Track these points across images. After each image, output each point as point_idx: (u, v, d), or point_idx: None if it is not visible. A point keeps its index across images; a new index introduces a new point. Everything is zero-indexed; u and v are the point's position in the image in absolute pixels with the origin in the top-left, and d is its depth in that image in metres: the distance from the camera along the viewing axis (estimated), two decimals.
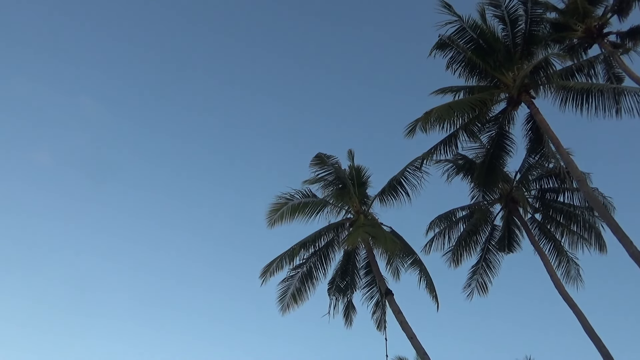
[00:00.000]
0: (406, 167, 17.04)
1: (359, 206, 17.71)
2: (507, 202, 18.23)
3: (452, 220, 19.01)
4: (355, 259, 18.25)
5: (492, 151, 16.75)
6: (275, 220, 17.01)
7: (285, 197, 17.38)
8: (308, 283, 17.49)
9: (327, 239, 17.80)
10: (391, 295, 15.74)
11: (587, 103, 14.42)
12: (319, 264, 17.66)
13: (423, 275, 17.11)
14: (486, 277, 19.02)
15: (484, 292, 18.97)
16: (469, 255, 18.79)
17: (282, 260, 16.99)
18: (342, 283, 18.17)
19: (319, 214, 17.56)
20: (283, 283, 17.47)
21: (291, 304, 17.25)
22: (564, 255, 18.04)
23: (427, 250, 18.81)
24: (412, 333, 14.40)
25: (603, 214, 13.44)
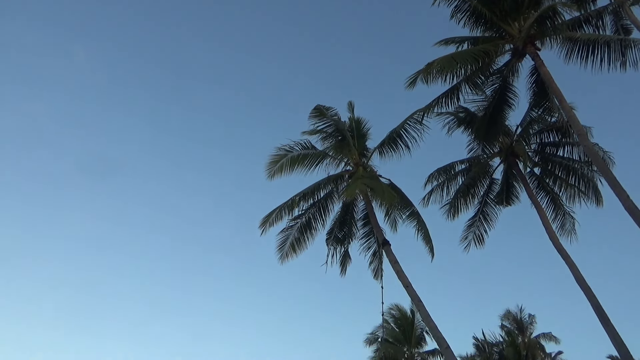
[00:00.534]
0: (406, 120, 16.94)
1: (358, 158, 17.75)
2: (506, 155, 18.23)
3: (451, 173, 19.08)
4: (354, 210, 18.48)
5: (494, 104, 16.58)
6: (274, 172, 17.09)
7: (284, 148, 17.39)
8: (307, 233, 17.80)
9: (326, 191, 17.96)
10: (388, 246, 16.05)
11: (593, 55, 14.15)
12: (318, 215, 17.91)
13: (420, 227, 17.37)
14: (483, 230, 19.29)
15: (480, 244, 19.28)
16: (466, 208, 19.00)
17: (281, 211, 17.22)
18: (340, 234, 18.48)
19: (318, 165, 17.67)
20: (282, 233, 17.78)
21: (290, 253, 17.62)
22: (561, 208, 18.21)
23: (425, 203, 18.99)
24: (407, 282, 14.79)
25: (602, 168, 13.47)
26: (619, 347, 12.75)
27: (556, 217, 18.19)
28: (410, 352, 30.88)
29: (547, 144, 18.38)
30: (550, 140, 18.29)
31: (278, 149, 17.30)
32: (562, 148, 18.01)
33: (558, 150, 18.19)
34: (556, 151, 18.24)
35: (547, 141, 18.36)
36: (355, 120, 18.53)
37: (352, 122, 18.44)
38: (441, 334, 13.87)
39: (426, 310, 14.39)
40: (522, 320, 40.50)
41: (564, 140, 17.82)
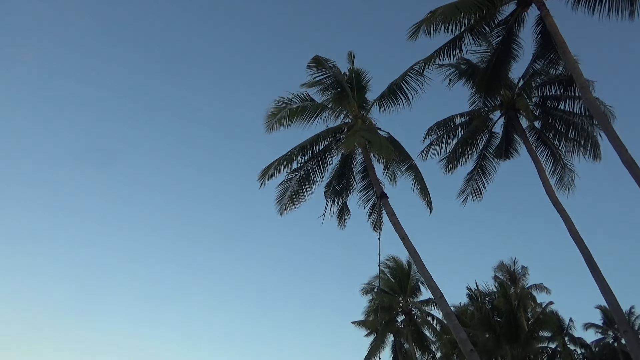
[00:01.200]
0: (407, 71, 16.64)
1: (357, 111, 17.56)
2: (507, 109, 18.04)
3: (451, 126, 18.94)
4: (352, 163, 18.49)
5: (497, 55, 16.22)
6: (273, 124, 16.96)
7: (283, 101, 17.17)
8: (305, 186, 17.88)
9: (325, 144, 17.89)
10: (386, 198, 16.17)
11: (601, 3, 13.74)
12: (317, 168, 17.93)
13: (418, 180, 17.44)
14: (481, 183, 19.33)
15: (478, 198, 19.38)
16: (464, 161, 18.98)
17: (280, 163, 17.22)
18: (338, 186, 18.58)
19: (317, 118, 17.50)
20: (281, 186, 17.85)
21: (289, 205, 17.77)
22: (560, 162, 18.22)
23: (423, 156, 18.96)
24: (404, 234, 15.00)
25: (602, 122, 13.35)
26: (608, 297, 13.10)
27: (555, 171, 18.25)
28: (405, 301, 31.81)
29: (549, 97, 18.15)
30: (552, 94, 18.05)
31: (276, 102, 17.09)
32: (563, 102, 17.81)
33: (559, 104, 17.99)
34: (557, 105, 18.05)
35: (549, 94, 18.12)
36: (354, 71, 18.19)
37: (352, 74, 18.11)
38: (435, 284, 14.21)
39: (421, 261, 14.68)
40: (515, 271, 41.54)
41: (565, 93, 17.60)
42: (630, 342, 13.06)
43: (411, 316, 31.80)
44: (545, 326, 28.60)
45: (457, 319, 14.71)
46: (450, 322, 14.04)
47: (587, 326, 39.55)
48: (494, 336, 26.93)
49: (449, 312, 14.21)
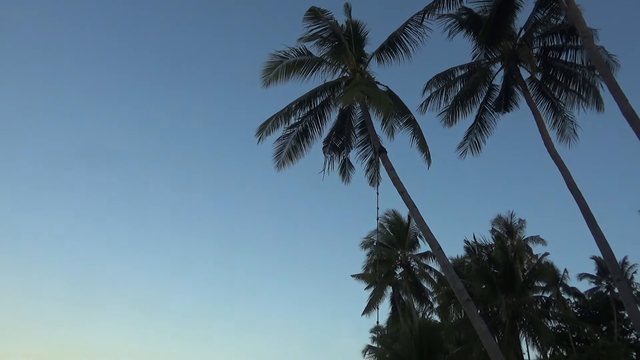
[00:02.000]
0: (407, 23, 16.22)
1: (356, 64, 17.23)
2: (508, 60, 17.70)
3: (451, 79, 18.63)
4: (351, 118, 18.34)
5: (499, 3, 15.75)
6: (270, 79, 16.67)
7: (279, 55, 16.79)
8: (303, 141, 17.79)
9: (323, 98, 17.67)
10: (384, 153, 16.13)
11: None
12: (315, 123, 17.78)
13: (416, 134, 17.36)
14: (480, 137, 19.19)
15: (476, 151, 19.28)
16: (464, 114, 18.78)
17: (277, 119, 17.06)
18: (337, 142, 18.50)
19: (314, 72, 17.19)
20: (279, 141, 17.75)
21: (287, 161, 17.74)
22: (560, 114, 18.06)
23: (422, 110, 18.74)
24: (402, 188, 15.06)
25: (603, 71, 13.12)
26: (603, 248, 13.32)
27: (555, 123, 18.11)
28: (403, 254, 32.40)
29: (550, 47, 17.76)
30: (554, 44, 17.65)
31: (273, 56, 16.71)
32: (565, 52, 17.44)
33: (561, 55, 17.64)
34: (559, 55, 17.70)
35: (551, 45, 17.72)
36: (352, 23, 17.68)
37: (349, 26, 17.61)
38: (433, 237, 14.41)
39: (420, 215, 14.81)
40: (512, 224, 42.13)
41: (567, 43, 17.21)
42: (623, 290, 13.42)
43: (409, 269, 32.48)
44: (540, 276, 29.24)
45: (454, 270, 14.98)
46: (448, 273, 14.33)
47: (582, 276, 40.50)
48: (490, 287, 27.55)
49: (447, 264, 14.48)
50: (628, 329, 37.20)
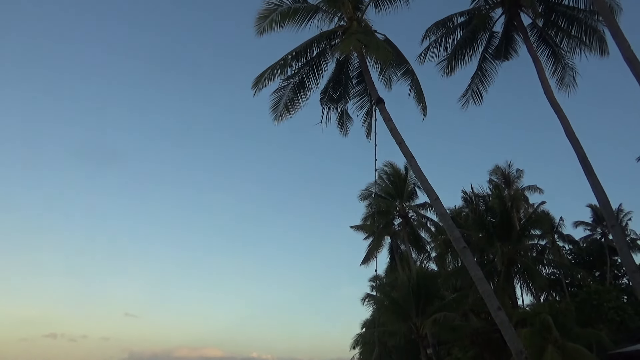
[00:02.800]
0: None
1: (353, 12, 16.75)
2: (510, 5, 17.19)
3: (450, 27, 18.15)
4: (348, 68, 18.02)
5: None
6: (264, 27, 16.27)
7: (274, 2, 16.31)
8: (300, 93, 17.55)
9: (319, 48, 17.30)
10: (382, 104, 15.96)
11: None
12: (311, 74, 17.48)
13: (414, 85, 17.12)
14: (481, 86, 18.87)
15: (478, 101, 18.95)
16: (463, 63, 18.42)
17: (273, 70, 16.75)
18: (334, 93, 18.26)
19: (310, 21, 16.77)
20: (275, 94, 17.52)
21: (284, 113, 17.57)
22: (561, 61, 17.74)
23: (421, 60, 18.33)
24: (400, 139, 15.02)
25: (606, 16, 12.80)
26: (599, 195, 13.46)
27: (555, 71, 17.82)
28: (401, 205, 32.72)
29: None
30: None
31: (267, 3, 16.24)
32: None
33: None
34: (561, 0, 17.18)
35: None
36: None
37: None
38: (431, 187, 14.51)
39: (418, 165, 14.85)
40: (510, 174, 42.31)
41: None
42: (617, 235, 13.68)
43: (407, 219, 32.89)
44: (536, 225, 29.67)
45: (451, 219, 15.18)
46: (445, 222, 14.54)
47: (577, 224, 41.12)
48: (486, 235, 28.03)
49: (444, 213, 14.66)
50: (620, 274, 38.20)
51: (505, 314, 12.56)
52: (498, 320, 12.19)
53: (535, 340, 20.84)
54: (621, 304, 27.51)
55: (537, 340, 20.83)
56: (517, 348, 11.65)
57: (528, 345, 16.65)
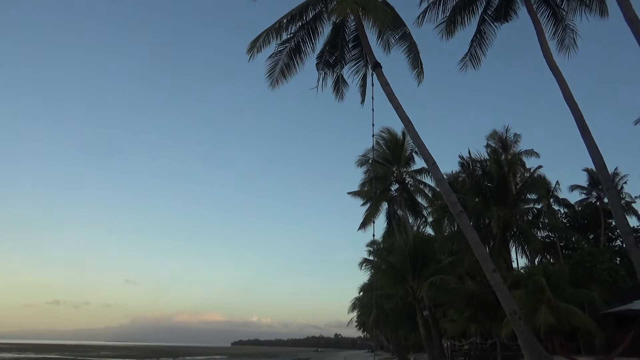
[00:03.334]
0: None
1: None
2: None
3: None
4: (345, 31, 17.68)
5: None
6: None
7: None
8: (296, 58, 17.28)
9: (315, 11, 16.94)
10: (379, 68, 15.74)
11: None
12: (307, 38, 17.18)
13: (411, 49, 16.85)
14: (479, 50, 18.56)
15: (477, 64, 18.66)
16: (462, 26, 18.05)
17: (268, 35, 16.44)
18: (330, 58, 17.99)
19: None
20: (271, 59, 17.24)
21: (280, 79, 17.34)
22: (561, 23, 17.42)
23: (419, 22, 17.94)
24: (397, 103, 14.89)
25: None
26: (596, 158, 13.47)
27: (555, 33, 17.49)
28: (399, 171, 32.81)
29: None
30: None
31: None
32: None
33: None
34: None
35: None
36: None
37: None
38: (428, 152, 14.49)
39: (415, 130, 14.78)
40: (507, 139, 42.31)
41: None
42: (612, 198, 13.79)
43: (404, 185, 33.05)
44: (532, 189, 29.90)
45: (448, 184, 15.24)
46: (442, 187, 14.61)
47: (573, 188, 41.46)
48: (483, 200, 28.24)
49: (441, 178, 14.69)
50: (614, 237, 38.77)
51: (500, 276, 12.78)
52: (493, 282, 12.41)
53: (529, 301, 21.33)
54: (614, 265, 28.00)
55: (530, 301, 21.33)
56: (511, 308, 11.91)
57: (522, 306, 17.03)
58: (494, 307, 27.04)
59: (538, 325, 19.49)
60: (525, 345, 11.42)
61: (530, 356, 11.19)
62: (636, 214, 39.38)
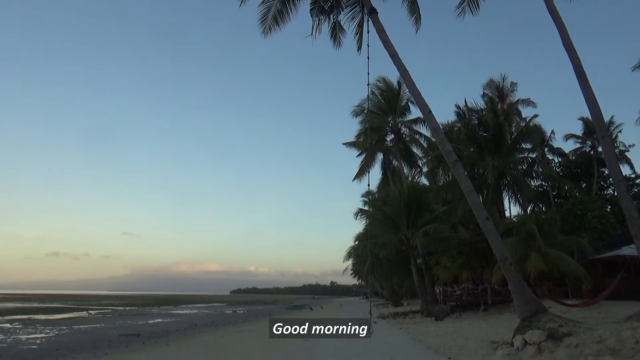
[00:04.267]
0: None
1: None
2: None
3: None
4: None
5: None
6: None
7: None
8: (289, 4, 16.71)
9: None
10: (375, 14, 15.27)
11: None
12: None
13: None
14: None
15: (475, 10, 18.04)
16: None
17: None
18: (325, 3, 17.40)
19: None
20: (263, 4, 16.68)
21: (273, 26, 16.83)
22: None
23: None
24: (393, 51, 14.56)
25: None
26: (592, 105, 13.36)
27: None
28: (394, 121, 32.58)
29: None
30: None
31: None
32: None
33: None
34: None
35: None
36: None
37: None
38: (424, 101, 14.32)
39: (411, 78, 14.55)
40: (504, 88, 41.86)
41: None
42: (606, 146, 13.80)
43: (400, 135, 32.92)
44: (527, 138, 29.87)
45: (443, 133, 15.16)
46: (437, 136, 14.55)
47: (567, 136, 41.44)
48: (478, 149, 28.29)
49: (436, 127, 14.60)
50: (606, 185, 39.22)
51: (492, 223, 12.98)
52: (485, 230, 12.61)
53: (520, 248, 21.84)
54: (604, 213, 28.49)
55: (521, 248, 21.84)
56: (502, 255, 12.18)
57: (513, 253, 17.42)
58: (485, 254, 27.72)
59: (528, 271, 20.05)
60: (515, 290, 11.77)
61: (520, 300, 11.55)
62: (629, 162, 39.68)
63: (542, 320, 10.51)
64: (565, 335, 9.68)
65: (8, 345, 18.43)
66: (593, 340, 8.71)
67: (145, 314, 44.61)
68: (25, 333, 23.79)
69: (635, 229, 12.12)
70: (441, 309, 25.11)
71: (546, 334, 9.68)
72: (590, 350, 8.34)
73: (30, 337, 21.91)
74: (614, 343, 8.28)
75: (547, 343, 9.35)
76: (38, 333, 23.78)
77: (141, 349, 16.41)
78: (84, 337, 21.57)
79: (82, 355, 14.94)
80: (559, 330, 9.92)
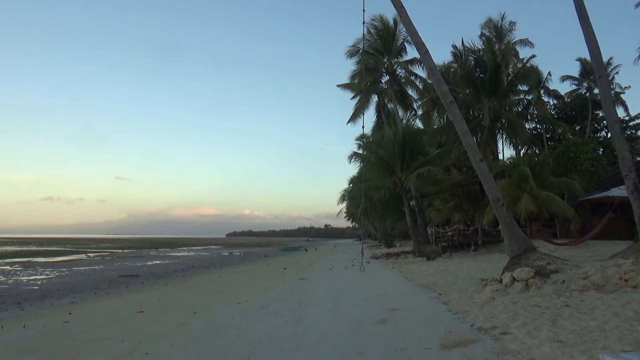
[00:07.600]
0: None
1: None
2: None
3: None
4: None
5: None
6: None
7: None
8: None
9: None
10: None
11: None
12: None
13: None
14: None
15: None
16: None
17: None
18: None
19: None
20: None
21: None
22: None
23: None
24: None
25: None
26: (592, 45, 13.09)
27: None
28: (390, 62, 31.89)
29: None
30: None
31: None
32: None
33: None
34: None
35: None
36: None
37: None
38: (421, 40, 13.92)
39: (408, 17, 14.06)
40: (502, 27, 40.83)
41: None
42: (603, 86, 13.62)
43: (395, 76, 32.35)
44: (523, 80, 29.43)
45: (440, 74, 14.86)
46: (433, 77, 14.29)
47: (564, 78, 40.91)
48: (474, 91, 27.94)
49: (432, 67, 14.30)
50: (600, 127, 39.22)
51: (486, 165, 13.03)
52: (479, 171, 12.68)
53: (512, 190, 22.12)
54: (597, 155, 28.66)
55: (514, 190, 22.13)
56: (494, 196, 12.31)
57: (505, 195, 17.64)
58: (477, 196, 28.13)
59: (519, 212, 20.41)
60: (506, 230, 12.01)
61: (510, 240, 11.81)
62: (624, 104, 39.47)
63: (530, 258, 10.81)
64: (552, 272, 9.99)
65: (9, 286, 18.85)
66: (579, 276, 9.01)
67: (143, 256, 45.55)
68: (26, 275, 24.29)
69: (627, 169, 12.25)
70: (433, 249, 25.76)
71: (534, 271, 9.97)
72: (575, 285, 8.64)
73: (31, 278, 22.39)
74: (598, 279, 8.57)
75: (535, 279, 9.66)
76: (39, 275, 24.28)
77: (141, 289, 16.86)
78: (84, 278, 22.07)
79: (83, 295, 15.35)
80: (547, 268, 10.22)
